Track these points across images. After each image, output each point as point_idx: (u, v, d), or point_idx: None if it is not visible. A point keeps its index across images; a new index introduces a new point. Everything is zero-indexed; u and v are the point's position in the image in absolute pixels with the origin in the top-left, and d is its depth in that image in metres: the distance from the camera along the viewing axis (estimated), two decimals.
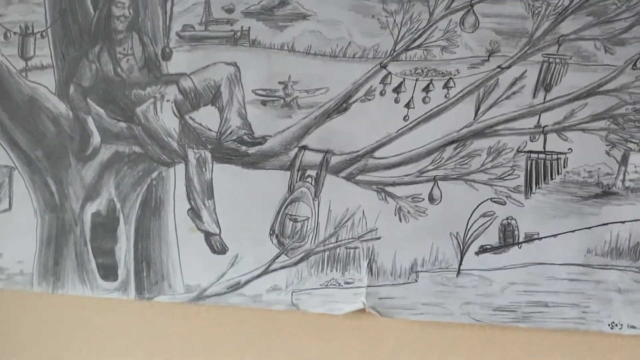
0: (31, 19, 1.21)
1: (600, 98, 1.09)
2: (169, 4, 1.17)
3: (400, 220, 1.15)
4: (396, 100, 1.14)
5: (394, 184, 1.15)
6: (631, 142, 1.09)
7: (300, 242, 1.17)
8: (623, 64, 1.08)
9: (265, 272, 1.19)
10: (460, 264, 1.13)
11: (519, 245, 1.12)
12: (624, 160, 1.09)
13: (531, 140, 1.11)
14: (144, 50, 1.19)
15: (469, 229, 1.13)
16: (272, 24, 1.16)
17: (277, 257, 1.18)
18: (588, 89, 1.09)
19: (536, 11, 1.09)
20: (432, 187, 1.14)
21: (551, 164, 1.11)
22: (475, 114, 1.12)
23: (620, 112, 1.09)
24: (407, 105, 1.14)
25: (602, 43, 1.08)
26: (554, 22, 1.09)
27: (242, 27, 1.16)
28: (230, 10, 1.16)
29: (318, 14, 1.14)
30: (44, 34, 1.21)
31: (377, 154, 1.15)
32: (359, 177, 1.15)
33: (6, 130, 1.24)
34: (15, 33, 1.21)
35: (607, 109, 1.09)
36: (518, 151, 1.12)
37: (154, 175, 1.21)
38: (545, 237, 1.11)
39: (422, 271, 1.14)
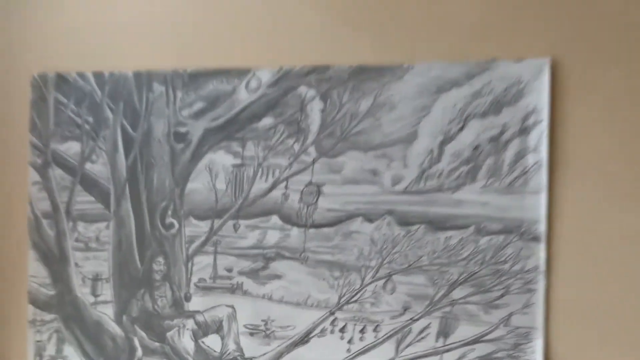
0: (99, 270, 1.78)
1: (484, 345, 1.51)
2: (189, 264, 1.71)
3: None
4: (341, 338, 1.60)
5: None
6: None
7: None
8: (498, 321, 1.50)
9: None
10: None
11: None
12: None
13: None
14: (173, 294, 1.72)
15: None
16: (258, 281, 1.66)
17: None
18: (474, 338, 1.52)
19: (435, 282, 1.54)
20: None
21: None
22: (396, 351, 1.56)
23: (498, 355, 1.50)
24: (349, 342, 1.60)
25: (482, 306, 1.51)
26: (448, 290, 1.53)
27: (237, 281, 1.68)
28: (229, 270, 1.69)
29: (287, 275, 1.64)
30: (108, 280, 1.78)
31: None
32: None
33: (80, 343, 1.79)
34: (89, 279, 1.79)
35: (490, 353, 1.51)
36: None
37: None
38: None
39: None
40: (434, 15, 1.54)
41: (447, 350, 1.53)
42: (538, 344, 1.47)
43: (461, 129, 1.52)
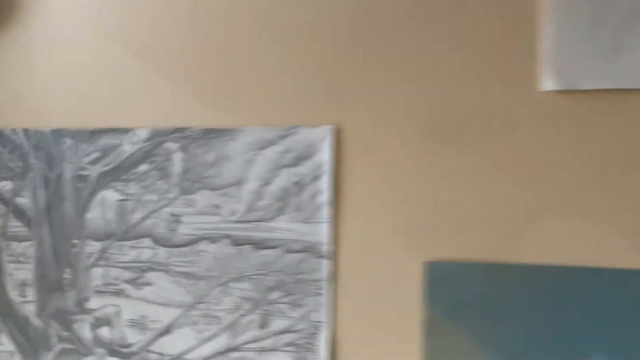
0: (26, 277, 2.35)
1: (291, 334, 2.05)
2: (89, 274, 2.28)
3: None
4: (193, 329, 2.15)
5: None
6: None
7: None
8: (300, 317, 2.04)
9: None
10: None
11: None
12: None
13: None
14: (77, 296, 2.29)
15: None
16: (136, 287, 2.22)
17: None
18: (284, 329, 2.05)
19: (257, 288, 2.09)
20: None
21: None
22: (231, 338, 2.11)
23: (300, 342, 2.04)
24: (199, 332, 2.15)
25: (289, 306, 2.05)
26: (266, 293, 2.07)
27: (121, 287, 2.23)
28: (116, 279, 2.25)
29: (157, 283, 2.20)
30: (32, 285, 2.35)
31: (189, 355, 2.16)
32: None
33: (13, 333, 2.36)
34: (18, 284, 2.37)
35: (295, 339, 2.05)
36: None
37: None
38: None
39: None
40: (258, 92, 2.11)
41: (266, 338, 2.08)
42: (326, 333, 2.01)
43: (275, 176, 2.08)
